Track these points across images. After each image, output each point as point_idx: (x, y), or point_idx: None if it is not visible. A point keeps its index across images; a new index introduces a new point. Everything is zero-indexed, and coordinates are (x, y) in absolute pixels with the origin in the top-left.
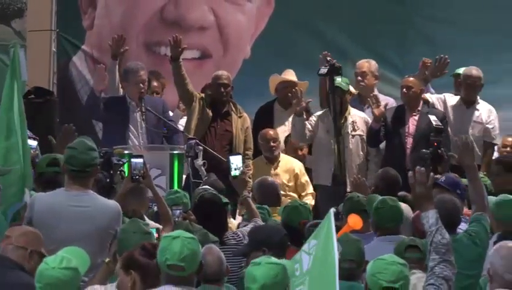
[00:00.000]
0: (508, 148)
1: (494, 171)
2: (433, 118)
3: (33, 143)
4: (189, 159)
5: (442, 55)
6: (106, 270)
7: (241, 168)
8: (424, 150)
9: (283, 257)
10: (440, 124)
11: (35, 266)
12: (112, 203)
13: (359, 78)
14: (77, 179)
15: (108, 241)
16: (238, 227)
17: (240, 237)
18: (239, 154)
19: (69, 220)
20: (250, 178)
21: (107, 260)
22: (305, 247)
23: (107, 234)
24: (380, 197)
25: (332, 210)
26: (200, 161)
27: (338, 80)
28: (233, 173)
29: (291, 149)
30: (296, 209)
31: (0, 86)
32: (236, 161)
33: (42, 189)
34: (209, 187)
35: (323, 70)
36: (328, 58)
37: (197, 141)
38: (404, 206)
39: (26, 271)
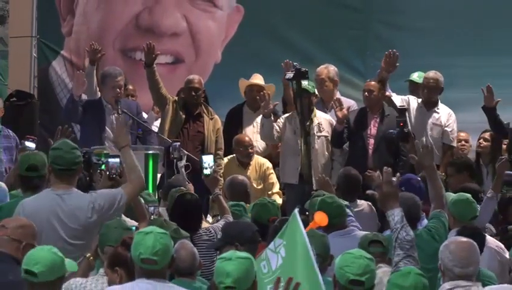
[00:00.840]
0: (463, 142)
1: (448, 172)
2: (398, 97)
3: (32, 145)
4: (174, 160)
5: (391, 50)
6: (87, 264)
7: (213, 167)
8: (391, 130)
9: (254, 252)
10: (404, 105)
11: None
12: (84, 195)
13: (319, 84)
14: (64, 177)
15: (92, 231)
16: None
17: (211, 233)
18: (211, 154)
19: (55, 222)
20: (221, 177)
21: (88, 254)
22: (271, 246)
23: (89, 224)
24: (319, 199)
25: (296, 210)
26: (183, 163)
27: (305, 83)
28: (205, 171)
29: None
30: (265, 207)
31: None
32: (208, 160)
33: (23, 191)
34: (183, 188)
35: (290, 74)
36: (295, 64)
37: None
38: (366, 203)
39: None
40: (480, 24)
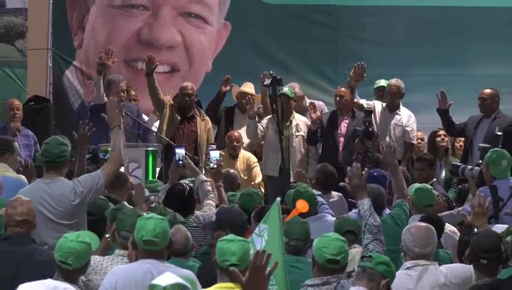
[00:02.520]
0: (419, 140)
1: (418, 167)
2: (364, 101)
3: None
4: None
5: (359, 62)
6: (105, 244)
7: (217, 162)
8: (357, 128)
9: (243, 237)
10: (371, 106)
11: None
12: (67, 183)
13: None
14: (51, 168)
15: (79, 212)
16: None
17: (200, 220)
18: (217, 150)
19: (40, 206)
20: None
21: (107, 235)
22: (256, 231)
23: (73, 207)
24: (293, 190)
25: (278, 199)
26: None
27: (285, 88)
28: (211, 165)
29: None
30: (250, 196)
31: (4, 94)
32: (214, 155)
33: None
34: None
35: (267, 81)
36: (271, 72)
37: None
38: (337, 194)
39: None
40: (435, 39)
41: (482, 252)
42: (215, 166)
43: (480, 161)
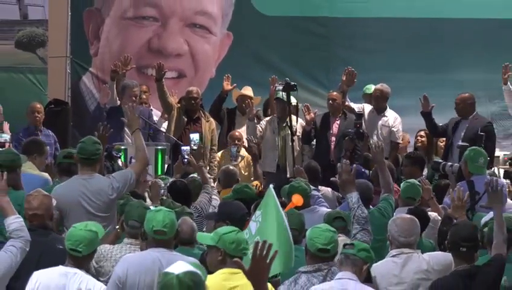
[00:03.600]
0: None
1: (405, 163)
2: (356, 105)
3: (6, 136)
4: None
5: (349, 67)
6: (115, 234)
7: (198, 143)
8: (349, 130)
9: (242, 227)
10: (361, 110)
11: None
12: (104, 178)
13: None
14: (86, 165)
15: (114, 205)
16: None
17: (199, 210)
18: (196, 132)
19: (81, 200)
20: (216, 167)
21: (117, 226)
22: (252, 217)
23: (110, 201)
24: (288, 185)
25: (271, 186)
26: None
27: (280, 93)
28: (193, 147)
29: None
30: (242, 189)
31: (27, 98)
32: (194, 138)
33: (60, 175)
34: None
35: (280, 87)
36: (286, 79)
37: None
38: (327, 189)
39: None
40: (418, 47)
41: (461, 241)
42: (195, 147)
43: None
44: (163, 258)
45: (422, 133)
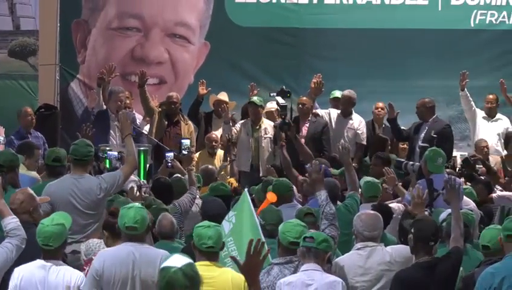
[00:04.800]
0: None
1: (373, 162)
2: (279, 99)
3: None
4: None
5: (318, 75)
6: None
7: (189, 149)
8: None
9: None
10: (284, 102)
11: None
12: (94, 179)
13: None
14: (79, 165)
15: (102, 204)
16: None
17: (177, 207)
18: (188, 138)
19: (71, 198)
20: (193, 166)
21: None
22: (226, 217)
23: (98, 200)
24: (274, 181)
25: (246, 190)
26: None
27: (254, 98)
28: (184, 152)
29: None
30: (218, 187)
31: (19, 103)
32: (186, 143)
33: (48, 177)
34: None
35: (274, 93)
36: (282, 86)
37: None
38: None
39: None
40: (381, 55)
41: (431, 236)
42: (186, 152)
43: None
44: (137, 251)
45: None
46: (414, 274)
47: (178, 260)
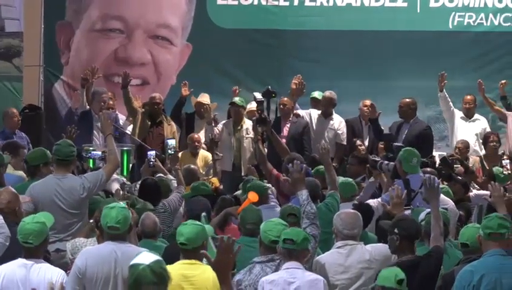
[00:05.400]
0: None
1: (350, 162)
2: (256, 94)
3: None
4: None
5: (298, 77)
6: (90, 228)
7: (174, 148)
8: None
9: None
10: (262, 98)
11: None
12: (76, 178)
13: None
14: (61, 165)
15: (85, 203)
16: None
17: (166, 206)
18: (173, 138)
19: (55, 197)
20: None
21: (91, 221)
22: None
23: (81, 199)
24: (251, 182)
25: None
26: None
27: (235, 98)
28: (169, 152)
29: None
30: (200, 187)
31: (3, 103)
32: (171, 143)
33: (31, 176)
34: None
35: (259, 95)
36: (269, 87)
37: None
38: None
39: None
40: (362, 57)
41: (417, 234)
42: (172, 152)
43: None
44: (119, 250)
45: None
46: None
47: (146, 257)
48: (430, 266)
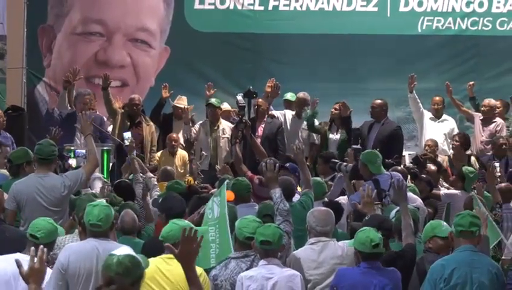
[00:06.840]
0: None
1: (318, 162)
2: (239, 98)
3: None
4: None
5: (276, 83)
6: (70, 224)
7: (130, 139)
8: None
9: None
10: (243, 103)
11: None
12: (57, 177)
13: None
14: (43, 164)
15: (65, 201)
16: None
17: (140, 203)
18: (129, 131)
19: (37, 196)
20: (156, 164)
21: (71, 217)
22: (215, 199)
23: (62, 197)
24: (233, 180)
25: (226, 181)
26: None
27: (212, 99)
28: (126, 142)
29: None
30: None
31: None
32: (127, 135)
33: (13, 175)
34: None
35: (241, 94)
36: (251, 87)
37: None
38: None
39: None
40: (334, 59)
41: (397, 232)
42: (128, 143)
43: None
44: (100, 246)
45: None
46: None
47: (122, 251)
48: (406, 262)
